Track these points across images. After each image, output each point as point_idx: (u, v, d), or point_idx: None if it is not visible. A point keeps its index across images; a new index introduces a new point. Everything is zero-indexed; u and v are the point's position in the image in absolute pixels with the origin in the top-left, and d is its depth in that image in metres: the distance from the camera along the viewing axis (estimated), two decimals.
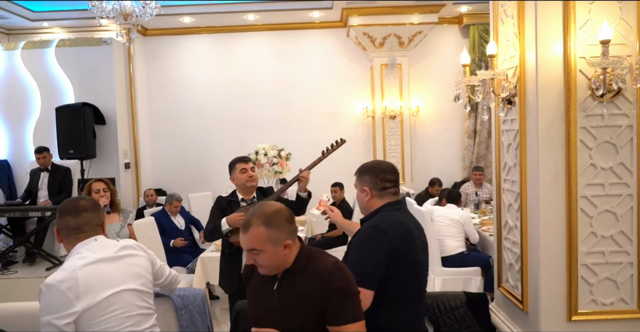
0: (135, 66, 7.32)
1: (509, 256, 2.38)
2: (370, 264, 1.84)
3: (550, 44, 2.05)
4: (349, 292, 1.65)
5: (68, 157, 6.37)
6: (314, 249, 1.79)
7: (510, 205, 2.35)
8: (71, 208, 1.93)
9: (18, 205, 5.31)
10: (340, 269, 1.68)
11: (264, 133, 7.56)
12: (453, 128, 7.64)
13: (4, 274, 4.94)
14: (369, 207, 2.03)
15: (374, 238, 1.88)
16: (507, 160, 2.41)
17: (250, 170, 3.14)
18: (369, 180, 2.01)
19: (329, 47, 7.71)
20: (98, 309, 1.76)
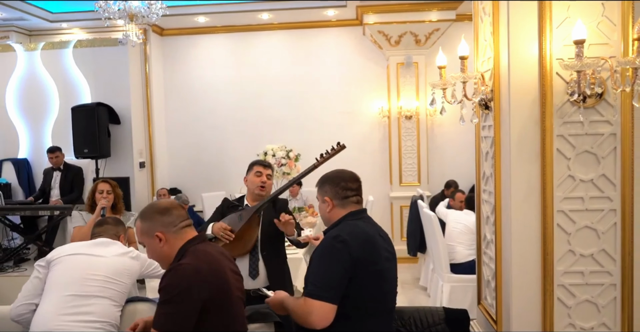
0: (151, 66, 7.38)
1: (487, 271, 2.21)
2: (331, 277, 1.76)
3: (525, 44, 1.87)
4: (162, 297, 1.63)
5: (83, 157, 6.48)
6: (199, 248, 1.74)
7: (487, 217, 2.19)
8: (99, 221, 2.66)
9: (29, 204, 5.43)
10: (175, 271, 1.65)
11: (278, 133, 7.50)
12: (472, 128, 7.34)
13: (15, 271, 5.05)
14: (330, 218, 1.96)
15: (334, 249, 1.79)
16: (485, 169, 2.25)
17: (266, 177, 2.99)
18: (330, 190, 1.95)
19: (345, 46, 7.56)
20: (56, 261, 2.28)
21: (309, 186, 7.10)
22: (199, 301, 1.61)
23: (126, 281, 2.38)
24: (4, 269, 5.08)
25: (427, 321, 2.25)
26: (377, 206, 6.85)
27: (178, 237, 1.76)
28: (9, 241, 5.65)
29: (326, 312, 1.72)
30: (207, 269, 1.66)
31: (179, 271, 1.63)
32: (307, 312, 1.74)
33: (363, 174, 2.91)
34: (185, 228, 1.80)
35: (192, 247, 1.74)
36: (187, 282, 1.61)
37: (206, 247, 1.78)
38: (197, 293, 1.61)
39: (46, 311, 2.16)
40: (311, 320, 1.74)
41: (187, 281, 1.61)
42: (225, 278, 1.71)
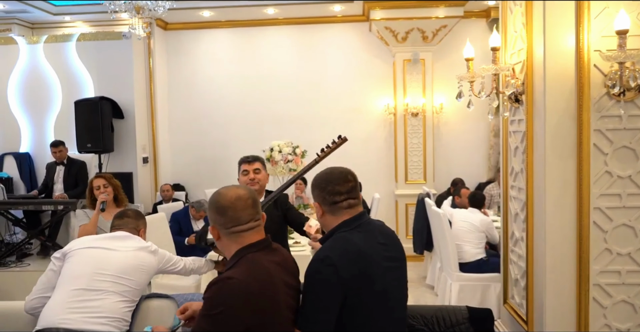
0: (155, 60, 7.29)
1: (515, 270, 2.15)
2: (319, 308, 1.61)
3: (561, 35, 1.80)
4: (204, 310, 1.50)
5: (86, 151, 6.39)
6: (255, 259, 1.57)
7: (516, 214, 2.12)
8: (119, 214, 2.58)
9: (32, 198, 5.35)
10: (222, 285, 1.50)
11: (283, 129, 7.42)
12: (479, 126, 7.32)
13: (18, 266, 4.97)
14: (324, 225, 1.78)
15: (322, 275, 1.61)
16: (514, 165, 2.18)
17: (253, 172, 2.85)
18: (318, 195, 1.75)
19: (350, 42, 7.49)
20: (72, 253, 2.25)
21: None
22: (241, 324, 1.46)
23: (141, 277, 2.32)
24: (7, 264, 5.00)
25: (450, 320, 2.19)
26: (382, 204, 6.79)
27: (232, 240, 1.60)
28: (10, 235, 5.58)
29: None
30: (257, 289, 1.49)
31: (226, 287, 1.48)
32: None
33: (368, 172, 2.86)
34: (242, 233, 1.60)
35: (250, 254, 1.57)
36: (232, 302, 1.46)
37: (264, 257, 1.59)
38: (241, 315, 1.46)
39: (54, 304, 2.13)
40: None
41: (232, 300, 1.46)
42: (276, 298, 1.54)
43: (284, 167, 5.72)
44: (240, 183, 2.91)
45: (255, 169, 2.87)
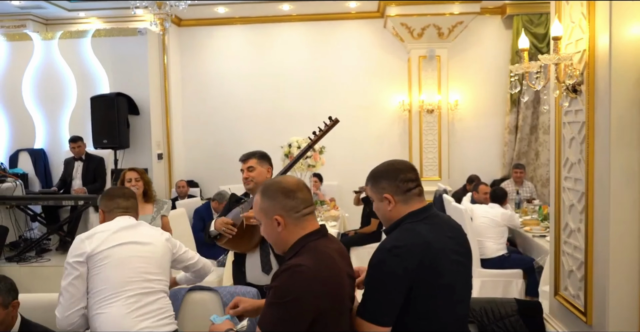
0: (169, 56, 7.28)
1: (569, 261, 2.14)
2: (384, 298, 1.59)
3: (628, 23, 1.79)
4: (274, 298, 1.48)
5: (102, 147, 6.38)
6: (319, 247, 1.56)
7: (572, 205, 2.11)
8: (120, 193, 2.35)
9: (52, 193, 5.33)
10: (292, 272, 1.48)
11: (296, 125, 7.39)
12: (493, 123, 7.34)
13: (38, 261, 4.96)
14: (392, 218, 1.73)
15: (388, 265, 1.59)
16: (570, 155, 2.17)
17: (247, 170, 2.73)
18: (388, 186, 1.70)
19: (365, 39, 7.49)
20: (101, 255, 2.10)
21: (329, 180, 7.05)
22: (311, 311, 1.45)
23: (168, 267, 2.29)
24: (27, 259, 4.99)
25: (499, 312, 2.20)
26: None
27: (298, 226, 1.57)
28: (27, 231, 5.56)
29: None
30: (327, 275, 1.49)
31: (296, 274, 1.46)
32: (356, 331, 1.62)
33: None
34: (308, 216, 1.59)
35: (312, 242, 1.56)
36: (303, 289, 1.45)
37: (327, 245, 1.58)
38: (311, 302, 1.45)
39: (118, 317, 2.01)
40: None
41: (303, 287, 1.45)
42: (343, 287, 1.54)
43: (302, 163, 5.72)
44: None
45: (248, 167, 2.76)
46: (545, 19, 6.92)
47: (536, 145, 7.20)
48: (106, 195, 2.34)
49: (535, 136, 7.20)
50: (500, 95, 7.27)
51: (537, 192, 7.04)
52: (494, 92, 7.28)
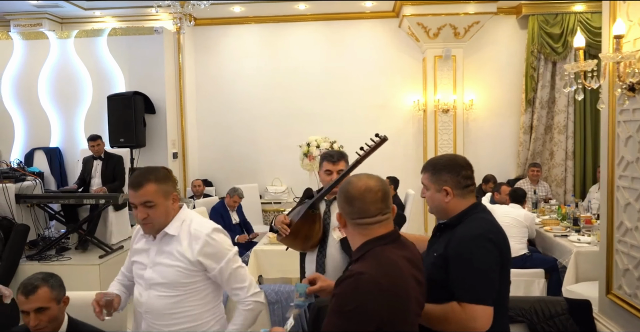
0: (184, 56, 7.30)
1: (624, 260, 2.14)
2: (488, 279, 1.67)
3: None
4: (336, 306, 1.50)
5: (118, 146, 6.40)
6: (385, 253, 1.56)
7: (628, 204, 2.11)
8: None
9: (73, 192, 5.34)
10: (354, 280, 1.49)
11: (311, 125, 7.43)
12: (508, 123, 7.34)
13: (59, 260, 4.97)
14: (448, 209, 1.80)
15: (484, 249, 1.68)
16: (625, 154, 2.16)
17: (337, 173, 2.61)
18: (450, 179, 1.78)
19: (380, 38, 7.50)
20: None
21: None
22: (374, 321, 1.44)
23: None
24: (48, 257, 5.01)
25: (549, 311, 2.21)
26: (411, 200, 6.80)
27: (357, 231, 1.58)
28: (45, 229, 5.58)
29: (489, 316, 1.65)
30: (388, 284, 1.46)
31: (357, 283, 1.45)
32: (469, 318, 1.65)
33: (396, 168, 2.82)
34: (368, 226, 1.56)
35: (379, 247, 1.54)
36: (365, 298, 1.43)
37: (393, 251, 1.55)
38: (374, 312, 1.44)
39: None
40: (475, 326, 1.65)
41: (364, 297, 1.43)
42: (408, 293, 1.51)
43: None
44: (321, 180, 2.77)
45: (339, 170, 2.64)
46: (560, 19, 6.93)
47: (551, 145, 7.21)
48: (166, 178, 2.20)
49: (550, 136, 7.21)
50: (515, 95, 7.27)
51: (552, 192, 7.05)
52: (509, 91, 7.28)
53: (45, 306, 2.06)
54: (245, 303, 1.99)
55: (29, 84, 6.96)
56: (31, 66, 6.96)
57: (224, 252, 1.94)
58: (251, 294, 2.01)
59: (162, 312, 1.91)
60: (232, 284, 1.97)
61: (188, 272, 1.90)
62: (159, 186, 1.89)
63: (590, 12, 6.87)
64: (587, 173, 7.04)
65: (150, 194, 1.87)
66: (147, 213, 1.87)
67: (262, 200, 7.51)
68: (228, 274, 1.95)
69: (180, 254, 1.90)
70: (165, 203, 1.90)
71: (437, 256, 1.77)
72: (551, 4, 6.90)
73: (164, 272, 1.91)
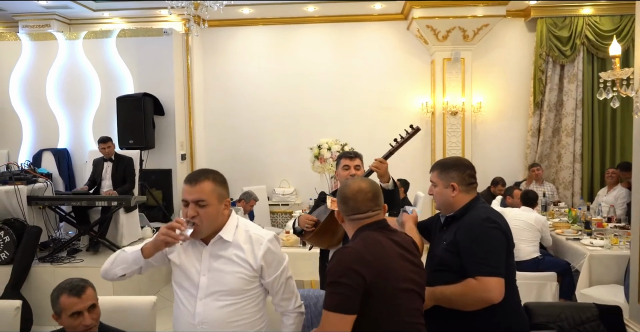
0: (192, 57, 7.29)
1: None
2: (497, 253, 1.92)
3: None
4: (328, 278, 1.73)
5: (127, 147, 6.39)
6: (370, 235, 1.83)
7: None
8: None
9: (85, 194, 5.34)
10: (339, 253, 1.76)
11: (319, 127, 7.44)
12: (516, 126, 7.36)
13: (71, 262, 4.97)
14: (454, 203, 2.08)
15: (491, 230, 1.94)
16: None
17: (354, 168, 2.91)
18: (457, 176, 2.09)
19: (388, 40, 7.51)
20: None
21: None
22: (360, 282, 1.65)
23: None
24: (60, 259, 5.00)
25: (580, 317, 2.23)
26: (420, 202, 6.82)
27: (351, 225, 1.88)
28: (55, 231, 5.58)
29: (502, 286, 1.87)
30: (368, 253, 1.71)
31: (342, 254, 1.72)
32: (483, 290, 1.87)
33: (404, 170, 2.94)
34: (359, 220, 1.84)
35: (365, 232, 1.81)
36: (348, 263, 1.68)
37: (378, 234, 1.80)
38: (357, 274, 1.66)
39: None
40: (491, 296, 1.87)
41: (348, 262, 1.68)
42: (389, 265, 1.72)
43: (332, 165, 5.74)
44: (339, 177, 3.02)
45: (356, 165, 2.93)
46: (569, 22, 6.95)
47: (558, 148, 7.22)
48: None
49: (557, 139, 7.23)
50: (524, 97, 7.28)
51: (558, 194, 7.07)
52: (517, 94, 7.30)
53: (95, 303, 2.13)
54: (291, 316, 1.97)
55: (37, 85, 6.94)
56: (39, 67, 6.95)
57: (281, 260, 1.93)
58: (298, 305, 2.00)
59: (222, 322, 1.82)
60: (283, 294, 1.94)
61: (249, 278, 1.85)
62: (215, 186, 1.83)
63: (599, 15, 6.89)
64: (595, 176, 7.06)
65: (206, 193, 1.80)
66: (197, 211, 1.79)
67: (269, 202, 7.51)
68: (281, 283, 1.92)
69: (241, 260, 1.84)
70: (217, 206, 1.83)
71: (448, 243, 2.02)
72: (560, 7, 6.92)
73: (223, 279, 1.83)
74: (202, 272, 1.84)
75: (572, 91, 7.01)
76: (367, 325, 1.67)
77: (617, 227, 5.04)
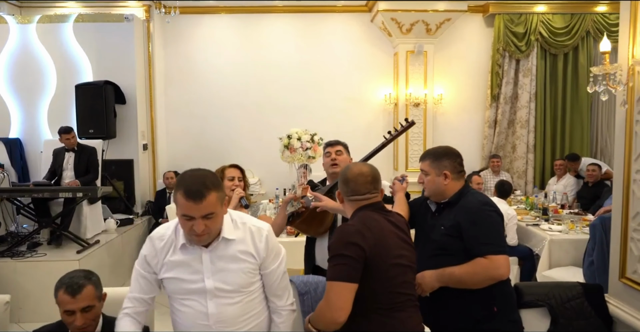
0: (154, 45, 7.09)
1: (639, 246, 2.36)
2: (500, 233, 2.07)
3: None
4: (330, 253, 1.89)
5: (87, 137, 6.16)
6: (367, 214, 1.95)
7: None
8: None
9: (47, 185, 5.12)
10: (340, 230, 1.95)
11: (283, 117, 7.44)
12: (474, 117, 7.64)
13: (33, 256, 4.78)
14: (446, 191, 2.17)
15: (491, 213, 2.07)
16: None
17: (335, 153, 2.97)
18: (449, 164, 2.18)
19: (352, 32, 7.59)
20: None
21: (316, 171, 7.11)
22: (361, 253, 1.78)
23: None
24: (21, 253, 4.80)
25: (566, 295, 2.39)
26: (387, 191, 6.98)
27: (350, 205, 1.99)
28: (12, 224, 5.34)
29: (508, 263, 2.01)
30: (366, 229, 1.84)
31: (343, 231, 1.87)
32: (494, 267, 1.99)
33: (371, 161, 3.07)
34: (358, 202, 1.96)
35: (363, 212, 1.93)
36: (348, 237, 1.82)
37: (375, 213, 1.93)
38: (357, 246, 1.79)
39: None
40: (500, 273, 2.00)
41: (348, 236, 1.82)
42: (384, 241, 1.85)
43: (302, 155, 5.78)
44: (324, 165, 3.06)
45: (337, 150, 3.00)
46: (524, 18, 7.27)
47: (513, 139, 7.57)
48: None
49: (512, 130, 7.57)
50: (481, 90, 7.57)
51: (513, 183, 7.42)
52: (475, 87, 7.57)
53: (91, 304, 2.02)
54: (283, 313, 1.92)
55: None
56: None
57: (279, 251, 1.90)
58: (290, 302, 1.96)
59: (236, 318, 1.79)
60: (277, 288, 1.90)
61: (254, 271, 1.82)
62: (218, 193, 1.69)
63: (552, 13, 7.25)
64: (546, 166, 7.46)
65: (213, 205, 1.66)
66: (205, 224, 1.67)
67: None
68: (277, 275, 1.88)
69: (245, 254, 1.80)
70: (222, 210, 1.74)
71: (447, 227, 2.11)
72: (516, 4, 7.22)
73: (229, 278, 1.78)
74: (206, 276, 1.77)
75: (527, 85, 7.36)
76: (365, 296, 1.79)
77: (572, 213, 5.37)
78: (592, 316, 2.30)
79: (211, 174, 1.75)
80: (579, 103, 7.37)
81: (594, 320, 2.30)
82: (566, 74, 7.35)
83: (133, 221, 6.25)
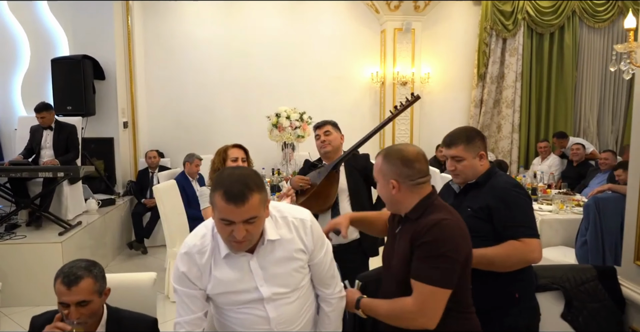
0: (133, 19, 6.79)
1: None
2: (532, 216, 1.99)
3: None
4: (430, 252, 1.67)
5: (65, 114, 5.89)
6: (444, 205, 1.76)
7: None
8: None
9: (26, 165, 4.89)
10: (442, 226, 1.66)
11: (268, 95, 7.29)
12: (460, 96, 7.62)
13: (12, 238, 4.59)
14: (480, 172, 2.06)
15: (521, 195, 1.99)
16: None
17: (324, 134, 3.00)
18: (482, 145, 2.07)
19: (339, 8, 7.41)
20: None
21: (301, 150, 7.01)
22: (462, 258, 1.62)
23: None
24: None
25: (580, 278, 2.37)
26: None
27: (413, 191, 1.71)
28: None
29: (541, 247, 1.94)
30: (463, 227, 1.68)
31: (446, 227, 1.61)
32: (528, 251, 1.91)
33: (353, 139, 3.06)
34: (422, 184, 1.71)
35: (436, 201, 1.72)
36: (455, 238, 1.61)
37: (446, 203, 1.75)
38: (462, 249, 1.62)
39: None
40: (534, 257, 1.93)
41: (455, 236, 1.61)
42: (469, 237, 1.70)
43: (291, 133, 5.67)
44: (317, 147, 3.06)
45: (325, 131, 3.00)
46: None
47: (498, 119, 7.59)
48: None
49: (498, 110, 7.58)
50: (468, 69, 7.53)
51: None
52: (462, 66, 7.52)
53: (87, 299, 1.83)
54: (332, 302, 1.80)
55: None
56: None
57: (324, 239, 1.75)
58: (339, 290, 1.82)
59: (295, 315, 1.70)
60: (325, 277, 1.77)
61: (304, 267, 1.70)
62: (261, 195, 1.51)
63: None
64: (531, 146, 7.51)
65: (255, 208, 1.49)
66: (246, 230, 1.50)
67: None
68: (325, 265, 1.75)
69: (295, 251, 1.66)
70: (264, 213, 1.56)
71: (476, 209, 1.99)
72: None
73: (284, 280, 1.66)
74: (259, 284, 1.63)
75: (513, 64, 7.34)
76: (457, 297, 1.65)
77: (561, 193, 5.42)
78: (606, 298, 2.29)
79: (254, 173, 1.56)
80: (563, 83, 7.40)
81: (607, 302, 2.29)
82: (552, 54, 7.36)
83: (115, 202, 6.07)
